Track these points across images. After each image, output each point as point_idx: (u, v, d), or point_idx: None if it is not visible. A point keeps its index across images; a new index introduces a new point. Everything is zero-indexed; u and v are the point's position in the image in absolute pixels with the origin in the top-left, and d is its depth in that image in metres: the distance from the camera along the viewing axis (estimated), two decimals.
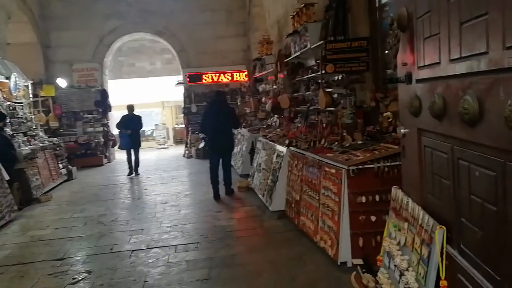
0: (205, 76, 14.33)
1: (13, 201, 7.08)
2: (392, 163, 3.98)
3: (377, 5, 5.69)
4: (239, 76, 14.48)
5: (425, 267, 1.99)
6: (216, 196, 7.52)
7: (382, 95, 5.17)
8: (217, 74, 14.41)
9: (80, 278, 4.36)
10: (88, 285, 4.19)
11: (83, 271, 4.57)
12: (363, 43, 5.66)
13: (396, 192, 2.59)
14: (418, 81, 2.18)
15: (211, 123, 7.54)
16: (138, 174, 10.92)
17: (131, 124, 10.80)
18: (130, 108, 11.12)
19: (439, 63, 1.89)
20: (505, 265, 1.49)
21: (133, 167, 10.98)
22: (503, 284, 1.51)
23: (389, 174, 4.00)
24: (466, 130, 1.63)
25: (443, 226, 1.90)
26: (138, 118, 11.04)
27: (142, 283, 4.12)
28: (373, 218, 4.00)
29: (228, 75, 14.44)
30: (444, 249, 1.87)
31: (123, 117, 11.00)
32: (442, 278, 1.86)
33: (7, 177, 7.05)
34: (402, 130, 2.47)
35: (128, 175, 10.89)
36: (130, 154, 10.92)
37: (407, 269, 2.19)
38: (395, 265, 2.36)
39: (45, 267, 4.74)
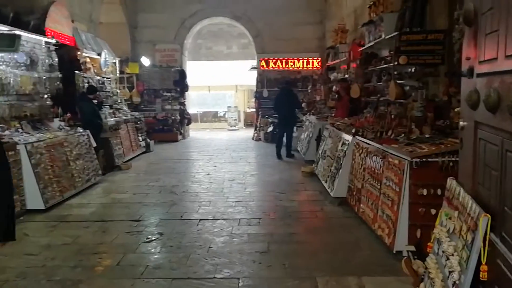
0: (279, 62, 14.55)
1: (98, 166, 7.85)
2: (457, 159, 3.93)
3: None
4: (312, 63, 14.50)
5: (468, 252, 2.10)
6: (279, 156, 10.24)
7: (455, 90, 5.06)
8: (297, 60, 14.52)
9: (153, 238, 4.85)
10: (159, 245, 4.65)
11: (155, 232, 5.05)
12: (439, 35, 5.55)
13: (451, 183, 2.67)
14: (478, 75, 2.25)
15: (280, 103, 10.27)
16: None
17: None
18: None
19: (496, 58, 1.96)
20: None
21: None
22: None
23: (454, 169, 3.92)
24: None
25: (487, 214, 1.99)
26: None
27: (207, 249, 4.49)
28: (433, 211, 3.98)
29: (301, 61, 14.53)
30: (488, 236, 1.97)
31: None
32: (483, 263, 1.97)
33: (94, 144, 7.84)
34: (461, 122, 2.54)
35: None
36: None
37: (452, 254, 2.30)
38: (443, 251, 2.47)
39: (123, 226, 5.29)
